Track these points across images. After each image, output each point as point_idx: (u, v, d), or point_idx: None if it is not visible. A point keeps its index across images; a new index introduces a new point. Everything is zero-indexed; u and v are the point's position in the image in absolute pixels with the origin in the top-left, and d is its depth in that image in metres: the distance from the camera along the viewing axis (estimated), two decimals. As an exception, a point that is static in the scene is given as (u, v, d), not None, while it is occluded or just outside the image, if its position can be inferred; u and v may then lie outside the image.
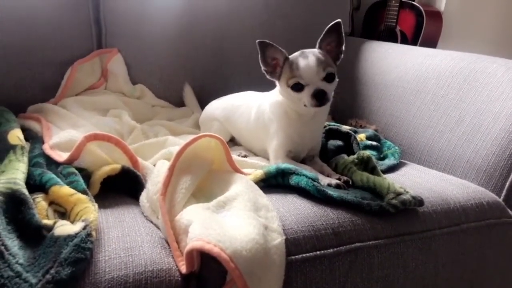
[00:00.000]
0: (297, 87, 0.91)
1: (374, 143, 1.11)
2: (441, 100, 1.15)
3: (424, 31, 1.71)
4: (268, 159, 1.02)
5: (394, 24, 1.77)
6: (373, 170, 0.92)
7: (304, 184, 0.81)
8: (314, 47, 0.95)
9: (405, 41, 1.76)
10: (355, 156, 0.96)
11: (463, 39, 1.92)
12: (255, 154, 1.10)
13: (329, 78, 0.91)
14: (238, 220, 0.67)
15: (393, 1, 1.75)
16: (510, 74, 1.05)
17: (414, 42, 1.74)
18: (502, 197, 0.97)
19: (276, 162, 0.95)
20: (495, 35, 2.10)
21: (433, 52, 1.31)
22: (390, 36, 1.78)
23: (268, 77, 0.96)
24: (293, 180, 0.84)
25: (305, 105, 0.91)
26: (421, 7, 1.73)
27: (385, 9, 1.78)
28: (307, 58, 0.91)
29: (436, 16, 1.82)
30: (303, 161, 1.01)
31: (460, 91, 1.12)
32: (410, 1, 1.77)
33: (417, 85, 1.23)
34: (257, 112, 1.04)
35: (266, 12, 1.44)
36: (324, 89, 0.90)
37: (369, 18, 1.88)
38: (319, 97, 0.89)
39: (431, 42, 1.78)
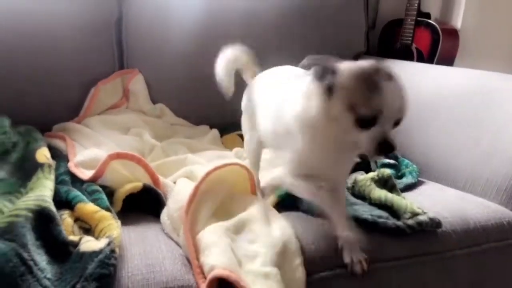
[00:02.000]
0: (367, 122, 0.62)
1: (392, 161, 1.11)
2: (458, 119, 1.15)
3: (440, 49, 1.72)
4: None
5: (410, 42, 1.78)
6: (392, 189, 0.92)
7: (315, 208, 0.82)
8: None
9: (421, 59, 1.76)
10: (375, 173, 0.96)
11: (481, 57, 1.92)
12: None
13: (399, 122, 0.65)
14: (255, 249, 0.69)
15: (409, 19, 1.77)
16: (528, 92, 1.05)
17: (430, 60, 1.74)
18: (523, 217, 0.95)
19: (289, 179, 0.78)
20: (512, 53, 2.09)
21: (449, 70, 1.32)
22: (406, 54, 1.79)
23: (313, 81, 0.67)
24: (304, 206, 0.84)
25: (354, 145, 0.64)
26: (437, 25, 1.74)
27: (401, 27, 1.79)
28: (396, 84, 0.62)
29: (453, 33, 1.83)
30: None
31: (477, 109, 1.12)
32: (426, 19, 1.78)
33: (433, 103, 1.23)
34: (276, 108, 0.78)
35: (282, 33, 1.47)
36: (392, 137, 0.63)
37: (384, 36, 1.90)
38: (385, 147, 0.62)
39: (448, 60, 1.78)
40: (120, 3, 1.34)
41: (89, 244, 0.63)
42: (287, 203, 0.87)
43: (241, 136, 1.29)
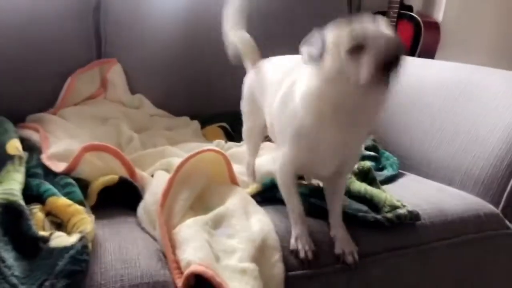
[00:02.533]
0: (357, 51, 0.61)
1: (372, 153, 1.12)
2: (438, 111, 1.16)
3: (422, 41, 1.73)
4: None
5: (392, 34, 1.78)
6: (372, 182, 0.92)
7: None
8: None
9: (403, 51, 1.77)
10: (356, 166, 0.96)
11: (461, 50, 1.94)
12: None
13: (397, 64, 0.61)
14: (233, 244, 0.68)
15: (392, 12, 1.77)
16: (506, 85, 1.06)
17: (412, 53, 1.75)
18: (500, 208, 0.97)
19: (276, 174, 0.78)
20: (493, 46, 2.12)
21: (430, 63, 1.32)
22: (388, 46, 1.79)
23: (312, 61, 0.66)
24: None
25: (356, 83, 0.62)
26: (418, 18, 1.74)
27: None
28: (378, 24, 0.63)
29: (434, 26, 1.84)
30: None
31: (457, 102, 1.13)
32: (408, 12, 1.78)
33: (414, 96, 1.24)
34: (286, 91, 0.75)
35: (268, 24, 1.44)
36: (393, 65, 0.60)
37: (367, 29, 1.90)
38: (386, 70, 0.60)
39: (430, 53, 1.79)
40: (98, -10, 1.30)
41: (60, 239, 0.61)
42: (269, 194, 0.85)
43: (223, 128, 1.28)
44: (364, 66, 0.60)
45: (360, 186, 0.88)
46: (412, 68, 1.32)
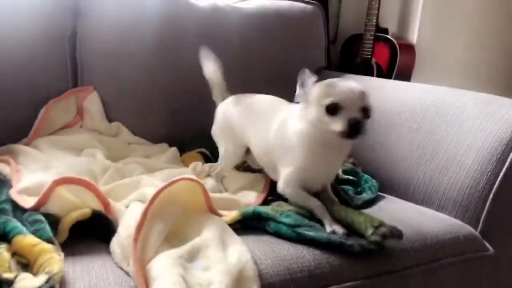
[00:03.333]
0: (332, 109, 0.80)
1: (351, 177, 1.12)
2: (415, 133, 1.17)
3: (398, 63, 1.77)
4: (274, 178, 0.99)
5: (369, 56, 1.82)
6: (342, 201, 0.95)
7: (284, 232, 0.81)
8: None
9: (381, 73, 1.81)
10: None
11: (436, 72, 1.99)
12: (261, 168, 1.08)
13: (367, 111, 0.82)
14: (209, 277, 0.66)
15: (368, 35, 1.81)
16: (480, 106, 1.08)
17: (389, 75, 1.78)
18: (478, 230, 0.97)
19: (284, 190, 0.91)
20: (465, 68, 2.18)
21: (406, 85, 1.34)
22: (366, 68, 1.83)
23: (297, 99, 0.89)
24: (272, 228, 0.83)
25: (333, 132, 0.81)
26: (394, 40, 1.79)
27: (361, 42, 1.83)
28: (348, 82, 0.83)
29: (409, 49, 1.89)
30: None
31: (432, 123, 1.14)
32: (384, 35, 1.83)
33: (392, 117, 1.25)
34: (280, 126, 0.94)
35: (243, 48, 1.45)
36: (361, 120, 0.80)
37: (345, 51, 1.94)
38: (354, 127, 0.79)
39: (406, 75, 1.83)
40: (74, 17, 1.29)
41: (25, 282, 0.58)
42: (249, 223, 0.84)
43: (202, 154, 1.27)
44: (338, 122, 0.80)
45: (339, 209, 0.87)
46: (390, 90, 1.34)
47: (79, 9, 1.28)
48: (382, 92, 1.34)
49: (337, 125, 0.80)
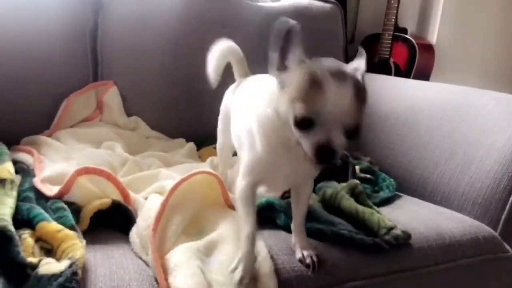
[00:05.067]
0: (305, 124, 0.58)
1: (368, 175, 1.11)
2: (434, 132, 1.16)
3: (417, 63, 1.75)
4: None
5: (387, 56, 1.80)
6: (358, 195, 0.92)
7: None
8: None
9: (399, 73, 1.79)
10: (346, 184, 0.96)
11: (455, 72, 1.96)
12: None
13: (352, 132, 0.60)
14: (227, 273, 0.66)
15: (386, 34, 1.79)
16: (500, 106, 1.07)
17: (407, 75, 1.76)
18: (498, 231, 0.96)
19: (237, 184, 0.74)
20: (485, 68, 2.14)
21: (425, 85, 1.33)
22: (384, 68, 1.81)
23: (272, 72, 0.65)
24: (282, 221, 0.83)
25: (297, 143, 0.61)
26: (413, 40, 1.77)
27: (379, 42, 1.82)
28: (344, 85, 0.58)
29: (428, 49, 1.86)
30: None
31: (452, 123, 1.13)
32: (403, 34, 1.81)
33: (410, 117, 1.24)
34: (242, 110, 0.80)
35: (262, 47, 1.45)
36: (337, 144, 0.58)
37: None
38: (325, 155, 0.58)
39: (424, 75, 1.81)
40: (96, 11, 1.31)
41: (48, 266, 0.59)
42: (265, 214, 0.84)
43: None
44: (307, 139, 0.59)
45: (351, 206, 0.87)
46: (408, 89, 1.33)
47: (100, 3, 1.30)
48: (401, 90, 1.33)
49: (304, 143, 0.59)
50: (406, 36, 1.80)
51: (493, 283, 0.91)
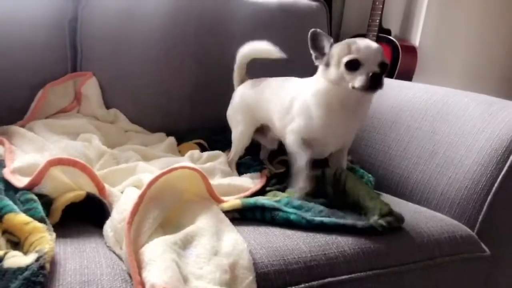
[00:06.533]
0: (352, 65, 0.85)
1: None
2: (415, 132, 1.17)
3: (399, 64, 1.76)
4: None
5: (371, 57, 1.81)
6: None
7: (294, 219, 0.80)
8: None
9: (381, 73, 1.80)
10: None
11: (437, 74, 1.99)
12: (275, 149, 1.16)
13: (384, 66, 0.86)
14: (204, 266, 0.65)
15: (370, 35, 1.80)
16: (481, 108, 1.08)
17: (390, 75, 1.78)
18: (475, 231, 0.96)
19: (289, 136, 0.97)
20: (467, 70, 2.18)
21: (408, 85, 1.34)
22: (367, 68, 1.82)
23: (316, 62, 0.93)
24: (280, 216, 0.81)
25: (353, 87, 0.86)
26: (396, 41, 1.78)
27: (363, 42, 1.83)
28: (365, 40, 0.88)
29: (411, 50, 1.88)
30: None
31: (433, 123, 1.14)
32: (387, 35, 1.82)
33: (392, 116, 1.25)
34: (295, 90, 1.00)
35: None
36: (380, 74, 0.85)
37: (347, 51, 1.93)
38: (374, 79, 0.84)
39: (407, 76, 1.83)
40: (76, 0, 1.27)
41: (14, 259, 0.56)
42: (249, 215, 0.83)
43: (199, 145, 1.25)
44: (358, 76, 0.85)
45: (351, 183, 0.91)
46: (390, 89, 1.33)
47: (81, -8, 1.27)
48: (384, 90, 1.33)
49: (358, 79, 0.85)
50: (390, 37, 1.82)
51: (470, 282, 0.91)
